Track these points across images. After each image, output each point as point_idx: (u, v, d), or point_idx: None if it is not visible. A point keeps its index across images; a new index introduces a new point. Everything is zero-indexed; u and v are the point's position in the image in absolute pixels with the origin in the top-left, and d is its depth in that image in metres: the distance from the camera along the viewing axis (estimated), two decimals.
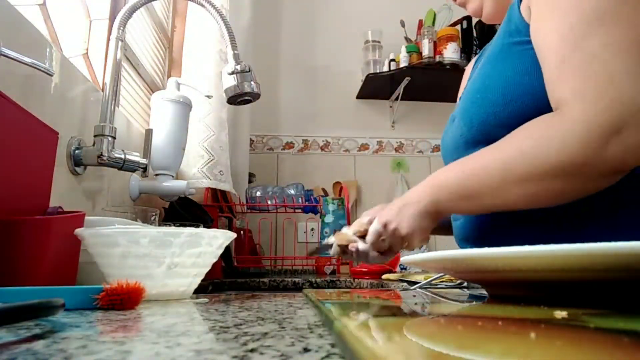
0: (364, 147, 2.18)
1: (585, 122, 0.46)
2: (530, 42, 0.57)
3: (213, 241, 0.52)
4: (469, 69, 0.87)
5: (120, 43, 0.88)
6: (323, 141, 2.16)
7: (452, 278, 0.73)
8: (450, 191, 0.56)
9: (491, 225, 0.62)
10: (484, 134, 0.60)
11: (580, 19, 0.50)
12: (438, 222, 0.63)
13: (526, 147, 0.50)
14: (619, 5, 0.48)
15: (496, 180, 0.51)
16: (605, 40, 0.48)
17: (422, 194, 0.58)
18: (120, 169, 0.86)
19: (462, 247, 0.68)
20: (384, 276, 1.25)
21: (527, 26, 0.58)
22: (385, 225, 0.60)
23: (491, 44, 0.68)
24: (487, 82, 0.61)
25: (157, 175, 1.11)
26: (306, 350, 0.20)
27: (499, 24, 0.70)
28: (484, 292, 0.55)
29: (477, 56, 0.85)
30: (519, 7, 0.60)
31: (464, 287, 0.65)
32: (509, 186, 0.51)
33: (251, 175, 1.89)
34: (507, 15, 0.63)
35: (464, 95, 0.66)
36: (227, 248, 1.39)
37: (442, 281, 0.72)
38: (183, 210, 1.18)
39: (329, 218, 1.71)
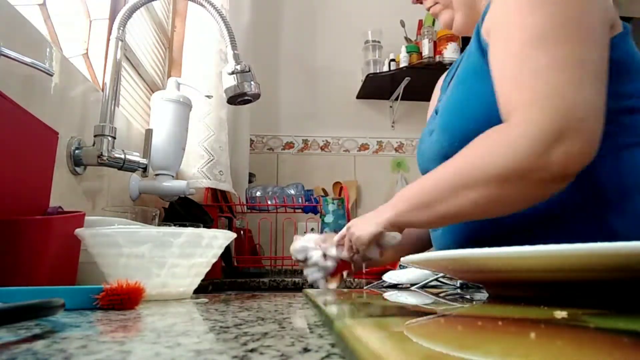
0: (364, 147, 2.18)
1: (530, 130, 0.48)
2: None
3: (213, 241, 0.52)
4: (440, 82, 0.88)
5: (120, 43, 0.88)
6: (323, 141, 2.16)
7: (451, 278, 0.73)
8: (410, 202, 0.59)
9: (471, 232, 0.63)
10: None
11: (527, 39, 0.53)
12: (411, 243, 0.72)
13: (475, 154, 0.52)
14: (561, 27, 0.51)
15: (447, 187, 0.54)
16: (550, 57, 0.50)
17: (388, 205, 0.62)
18: (120, 169, 0.86)
19: None
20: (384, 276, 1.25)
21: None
22: (348, 228, 0.65)
23: (464, 58, 0.70)
24: (466, 102, 0.62)
25: (157, 175, 1.11)
26: (306, 350, 0.20)
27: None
28: (484, 292, 0.55)
29: (449, 69, 0.85)
30: (482, 29, 0.62)
31: (464, 287, 0.65)
32: (458, 193, 0.53)
33: (251, 175, 1.89)
34: (475, 33, 0.64)
35: (443, 111, 0.67)
36: (227, 248, 1.39)
37: (442, 282, 0.72)
38: (183, 210, 1.18)
39: (329, 218, 1.71)
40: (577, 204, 0.56)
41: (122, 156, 0.85)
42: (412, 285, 0.72)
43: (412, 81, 1.98)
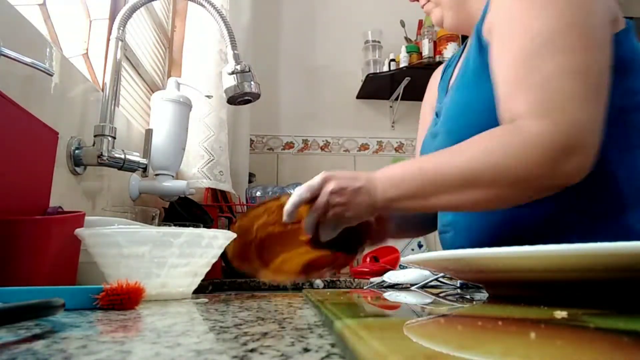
0: (364, 147, 2.18)
1: (546, 140, 0.49)
2: None
3: (213, 241, 0.52)
4: (435, 79, 0.86)
5: (120, 43, 0.88)
6: (323, 141, 2.16)
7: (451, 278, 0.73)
8: (407, 191, 0.56)
9: (493, 238, 0.62)
10: None
11: (534, 42, 0.52)
12: (395, 224, 0.67)
13: (486, 156, 0.52)
14: (567, 33, 0.51)
15: (452, 182, 0.53)
16: (561, 64, 0.51)
17: (377, 187, 0.57)
18: (120, 169, 0.86)
19: None
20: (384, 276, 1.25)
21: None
22: (333, 206, 0.56)
23: (464, 59, 0.69)
24: (471, 104, 0.62)
25: (157, 175, 1.11)
26: (306, 350, 0.20)
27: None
28: (484, 292, 0.55)
29: (444, 65, 0.84)
30: (482, 28, 0.62)
31: (464, 287, 0.65)
32: (463, 190, 0.52)
33: (251, 175, 1.89)
34: (475, 33, 0.64)
35: (447, 115, 0.67)
36: None
37: (442, 282, 0.72)
38: (183, 210, 1.18)
39: None
40: (596, 206, 0.57)
41: (122, 156, 0.85)
42: (412, 285, 0.72)
43: (412, 81, 1.98)
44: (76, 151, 0.81)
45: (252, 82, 0.87)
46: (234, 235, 0.56)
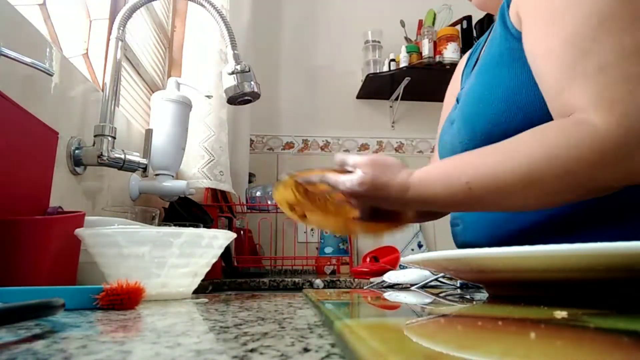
0: (364, 147, 2.18)
1: (619, 134, 0.43)
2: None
3: (213, 241, 0.52)
4: (461, 66, 0.85)
5: (120, 43, 0.88)
6: (323, 141, 2.16)
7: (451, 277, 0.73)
8: (441, 203, 0.53)
9: (500, 231, 0.60)
10: (487, 144, 0.57)
11: (584, 24, 0.47)
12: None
13: (555, 161, 0.45)
14: (623, 8, 0.46)
15: (514, 195, 0.47)
16: (616, 45, 0.45)
17: (409, 203, 0.55)
18: (120, 169, 0.86)
19: None
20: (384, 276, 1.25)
21: (519, 33, 0.56)
22: (360, 195, 0.57)
23: (488, 43, 0.66)
24: (489, 91, 0.59)
25: (157, 175, 1.11)
26: (306, 350, 0.20)
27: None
28: (484, 292, 0.55)
29: (470, 52, 0.83)
30: (508, 12, 0.59)
31: (464, 287, 0.65)
32: (529, 200, 0.47)
33: (251, 175, 1.89)
34: (500, 16, 0.61)
35: (464, 101, 0.64)
36: (227, 248, 1.39)
37: (442, 282, 0.72)
38: (183, 210, 1.18)
39: None
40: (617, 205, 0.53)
41: (122, 156, 0.85)
42: (412, 285, 0.72)
43: (412, 81, 1.98)
44: (76, 151, 0.81)
45: (252, 82, 0.87)
46: (234, 235, 0.56)
